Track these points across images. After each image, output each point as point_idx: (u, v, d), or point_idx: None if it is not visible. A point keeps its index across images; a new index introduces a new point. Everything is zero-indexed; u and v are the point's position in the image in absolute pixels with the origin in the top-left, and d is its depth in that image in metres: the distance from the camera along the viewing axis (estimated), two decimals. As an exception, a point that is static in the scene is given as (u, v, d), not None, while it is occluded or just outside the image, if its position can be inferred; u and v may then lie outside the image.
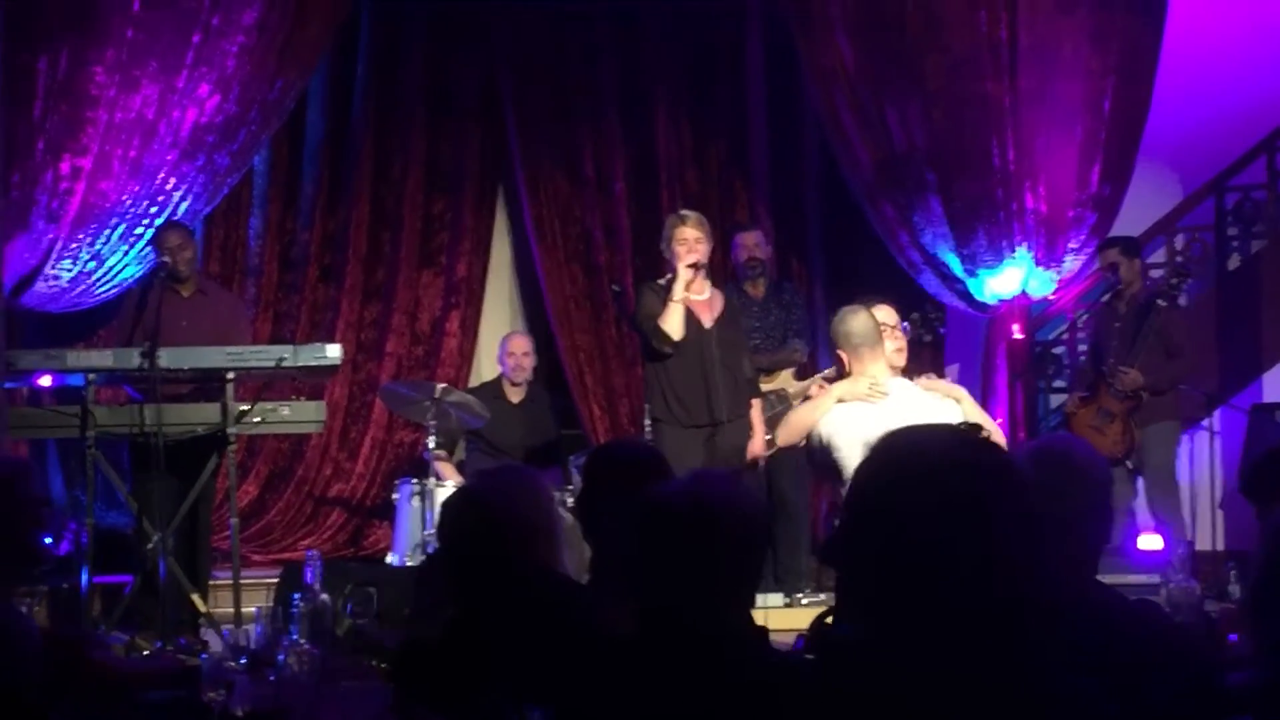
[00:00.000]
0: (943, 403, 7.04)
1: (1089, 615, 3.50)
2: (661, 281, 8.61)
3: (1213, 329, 11.15)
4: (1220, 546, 10.58)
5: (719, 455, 8.33)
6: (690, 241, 8.43)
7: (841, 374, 7.29)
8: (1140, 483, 10.01)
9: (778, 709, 2.94)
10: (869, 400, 7.00)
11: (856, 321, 7.17)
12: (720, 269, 9.89)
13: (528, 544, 4.40)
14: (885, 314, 7.41)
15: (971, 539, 2.41)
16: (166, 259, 8.86)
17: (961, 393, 7.25)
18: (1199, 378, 10.38)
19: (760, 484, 9.19)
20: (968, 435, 2.56)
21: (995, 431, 7.10)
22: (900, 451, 2.54)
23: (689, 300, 8.42)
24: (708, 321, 8.50)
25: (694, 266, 8.40)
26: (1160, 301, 9.70)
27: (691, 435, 8.40)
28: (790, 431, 7.40)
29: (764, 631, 3.27)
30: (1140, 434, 9.80)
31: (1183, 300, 10.33)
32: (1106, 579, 3.83)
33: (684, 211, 8.76)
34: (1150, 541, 9.59)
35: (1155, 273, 10.99)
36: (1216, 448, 10.75)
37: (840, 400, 7.08)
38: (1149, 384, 9.71)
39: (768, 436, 9.38)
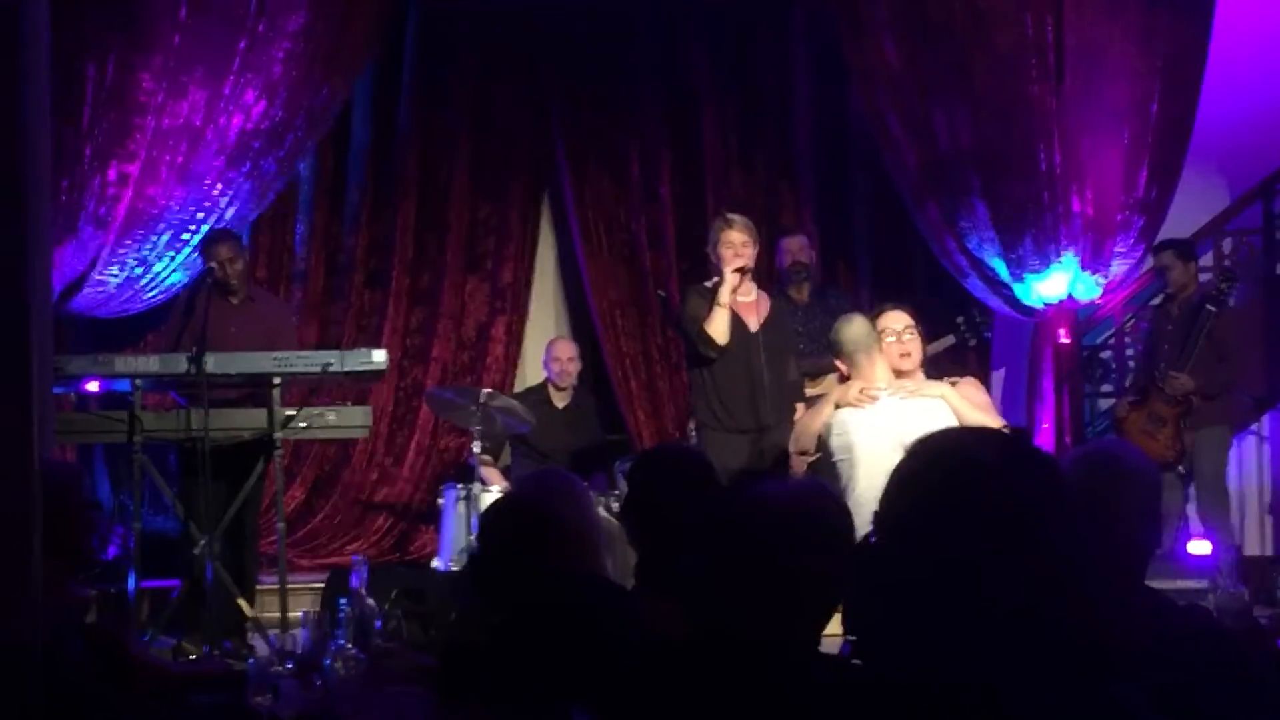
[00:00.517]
0: (931, 404, 7.04)
1: (1137, 620, 3.48)
2: (708, 284, 8.56)
3: (1260, 332, 11.08)
4: (1269, 551, 10.52)
5: (764, 460, 8.29)
6: (736, 245, 8.38)
7: (844, 380, 7.39)
8: (1191, 488, 9.97)
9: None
10: (859, 406, 7.09)
11: (849, 330, 7.28)
12: (765, 274, 9.86)
13: (569, 548, 4.40)
14: (893, 319, 7.42)
15: (1010, 545, 2.38)
16: (214, 266, 8.88)
17: (944, 389, 7.20)
18: (1247, 382, 10.33)
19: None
20: (1006, 438, 2.53)
21: (992, 420, 7.07)
22: (938, 456, 2.50)
23: (735, 303, 8.38)
24: (754, 325, 8.44)
25: (740, 271, 8.35)
26: (1210, 306, 9.63)
27: (737, 440, 8.34)
28: (798, 440, 7.53)
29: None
30: (1191, 439, 9.75)
31: (1231, 303, 10.25)
32: (1155, 584, 3.82)
33: (730, 215, 8.69)
34: (1199, 547, 9.54)
35: (1203, 276, 10.93)
36: (1265, 452, 10.68)
37: (837, 406, 7.17)
38: (1200, 388, 9.65)
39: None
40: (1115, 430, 10.17)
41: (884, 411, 7.02)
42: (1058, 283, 10.75)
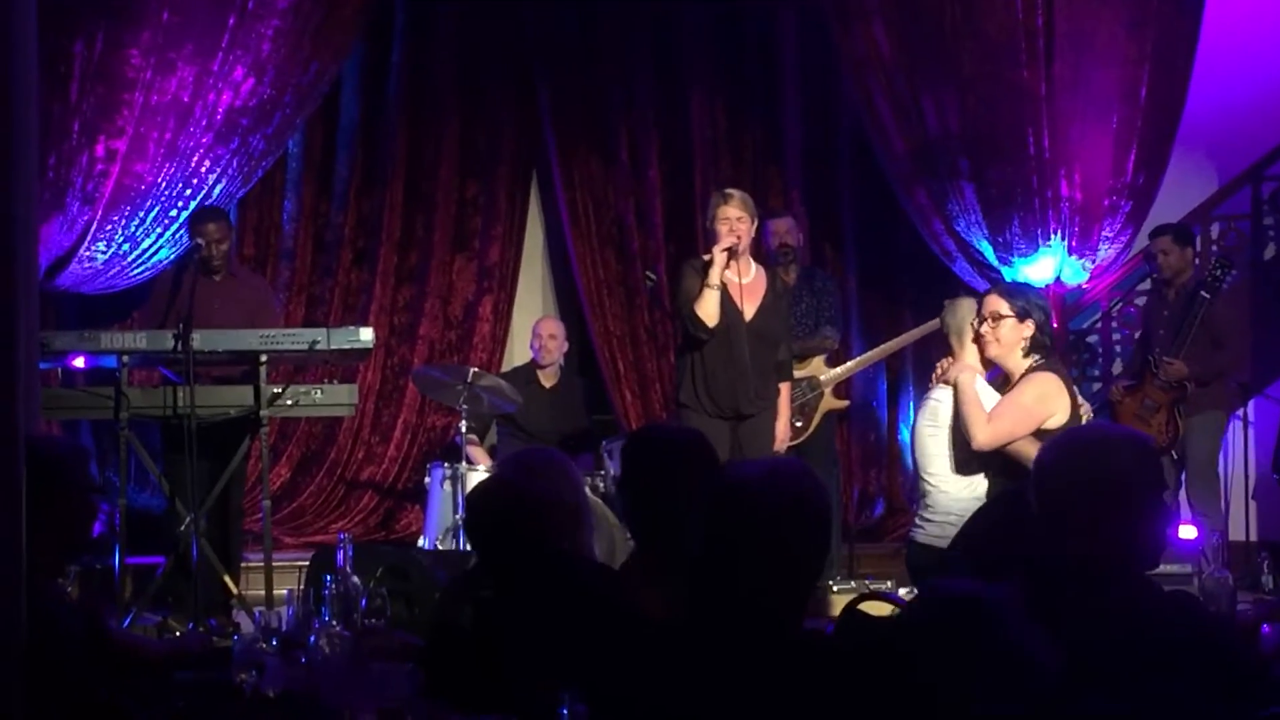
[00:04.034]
0: (946, 391, 6.98)
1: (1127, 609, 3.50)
2: (707, 257, 8.37)
3: (1247, 318, 11.09)
4: (1253, 537, 10.54)
5: (744, 446, 8.24)
6: (732, 220, 8.24)
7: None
8: (1183, 473, 9.98)
9: (818, 700, 2.93)
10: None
11: (946, 316, 7.19)
12: (753, 256, 9.86)
13: (555, 527, 4.40)
14: (986, 303, 7.03)
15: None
16: (200, 241, 8.86)
17: (963, 377, 7.02)
18: (1237, 368, 10.33)
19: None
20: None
21: (983, 415, 6.90)
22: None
23: (728, 283, 8.27)
24: (748, 308, 8.30)
25: (728, 251, 8.24)
26: (1204, 293, 9.62)
27: (719, 425, 8.24)
28: None
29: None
30: (1185, 424, 9.75)
31: (1224, 289, 10.23)
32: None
33: (728, 190, 8.51)
34: (1187, 532, 9.56)
35: (1191, 262, 10.93)
36: (1250, 438, 10.69)
37: None
38: (1194, 374, 9.65)
39: (799, 423, 9.36)
40: (1109, 414, 10.17)
41: (933, 394, 7.03)
42: (1045, 267, 10.76)
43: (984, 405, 6.71)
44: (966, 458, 6.76)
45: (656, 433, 5.59)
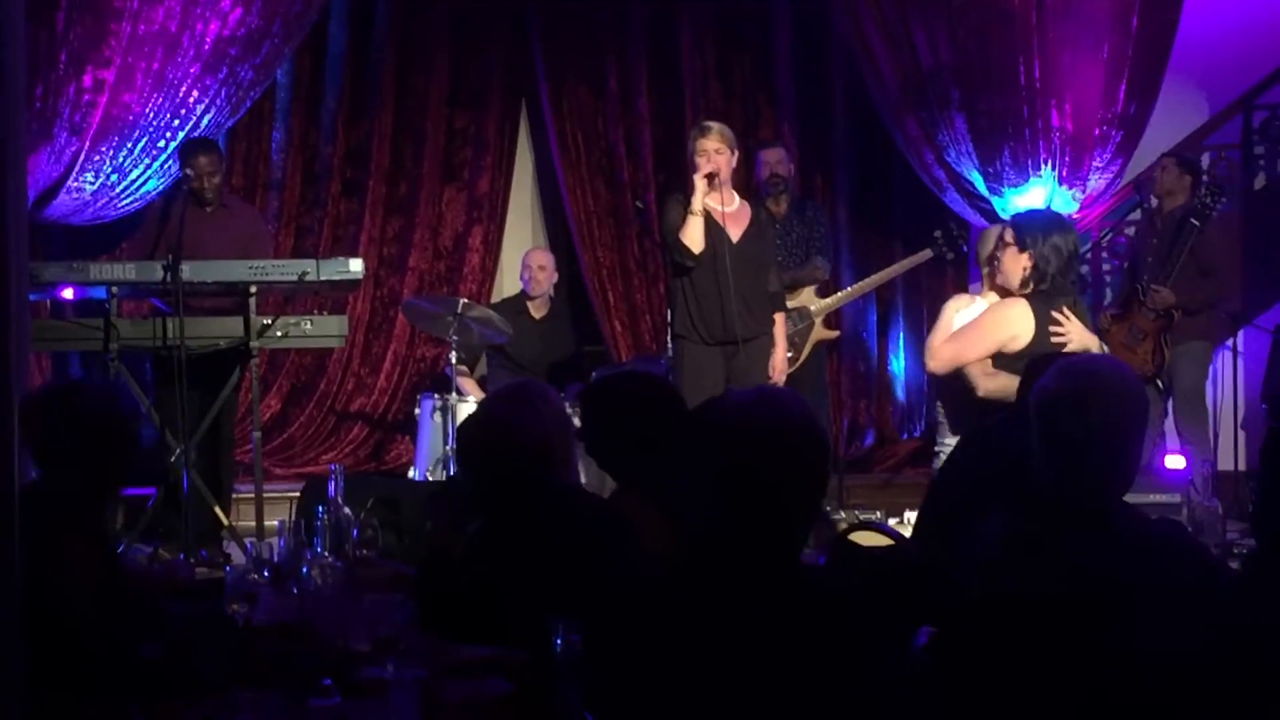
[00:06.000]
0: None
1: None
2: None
3: (1238, 248, 11.07)
4: (1242, 466, 10.55)
5: (738, 374, 8.25)
6: (710, 152, 8.26)
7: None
8: (1169, 402, 9.99)
9: (816, 630, 2.94)
10: None
11: (978, 244, 7.21)
12: (743, 186, 9.82)
13: (545, 458, 4.41)
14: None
15: None
16: (190, 173, 8.83)
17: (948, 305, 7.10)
18: (1226, 297, 10.33)
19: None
20: None
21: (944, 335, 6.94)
22: None
23: (712, 211, 8.29)
24: (734, 234, 8.34)
25: (709, 177, 8.24)
26: (1193, 220, 9.60)
27: (714, 353, 8.26)
28: None
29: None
30: (1171, 353, 9.74)
31: (1214, 218, 10.21)
32: (1130, 498, 3.81)
33: (706, 123, 8.58)
34: (1175, 461, 9.57)
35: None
36: (1240, 367, 10.70)
37: None
38: (1181, 303, 9.63)
39: (789, 354, 9.35)
40: (1099, 342, 10.16)
41: None
42: (1035, 197, 10.74)
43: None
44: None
45: (615, 380, 5.58)
